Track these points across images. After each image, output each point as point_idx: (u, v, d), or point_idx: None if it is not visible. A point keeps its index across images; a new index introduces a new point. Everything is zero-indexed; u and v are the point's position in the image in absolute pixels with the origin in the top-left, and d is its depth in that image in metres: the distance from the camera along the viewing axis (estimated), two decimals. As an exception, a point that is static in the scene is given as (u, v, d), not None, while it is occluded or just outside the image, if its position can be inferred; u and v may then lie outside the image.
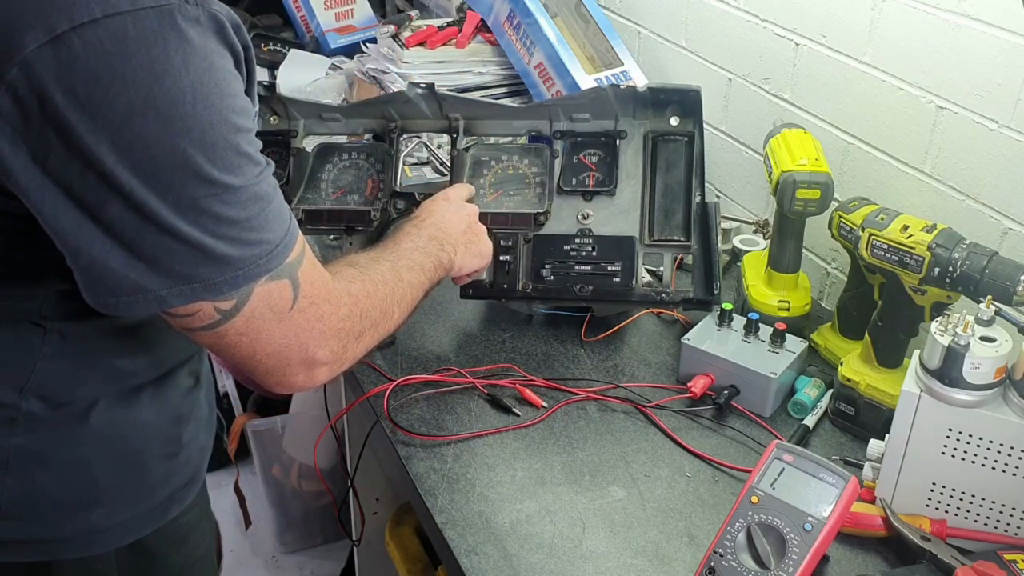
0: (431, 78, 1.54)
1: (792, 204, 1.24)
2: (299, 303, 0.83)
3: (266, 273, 0.80)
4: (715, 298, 1.28)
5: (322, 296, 0.86)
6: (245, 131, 0.77)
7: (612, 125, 1.34)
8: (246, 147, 0.77)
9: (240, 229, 0.77)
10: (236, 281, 0.78)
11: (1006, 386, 0.96)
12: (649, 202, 1.32)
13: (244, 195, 0.77)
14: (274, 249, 0.80)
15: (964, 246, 1.05)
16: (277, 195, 0.82)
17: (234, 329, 0.80)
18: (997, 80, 1.12)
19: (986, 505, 0.99)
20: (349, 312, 0.90)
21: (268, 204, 0.79)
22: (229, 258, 0.77)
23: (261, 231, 0.79)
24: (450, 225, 1.16)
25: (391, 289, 0.99)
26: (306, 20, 2.23)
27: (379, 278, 0.98)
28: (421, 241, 1.10)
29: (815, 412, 1.21)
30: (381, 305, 0.96)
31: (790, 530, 0.93)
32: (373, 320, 0.94)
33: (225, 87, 0.75)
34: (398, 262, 1.04)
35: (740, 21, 1.52)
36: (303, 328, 0.84)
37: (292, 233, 0.82)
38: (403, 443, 1.16)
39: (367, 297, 0.94)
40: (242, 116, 0.77)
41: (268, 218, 0.79)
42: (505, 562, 0.99)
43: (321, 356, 0.86)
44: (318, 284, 0.86)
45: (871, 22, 1.28)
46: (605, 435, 1.18)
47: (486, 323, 1.40)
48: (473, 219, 1.21)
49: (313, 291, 0.85)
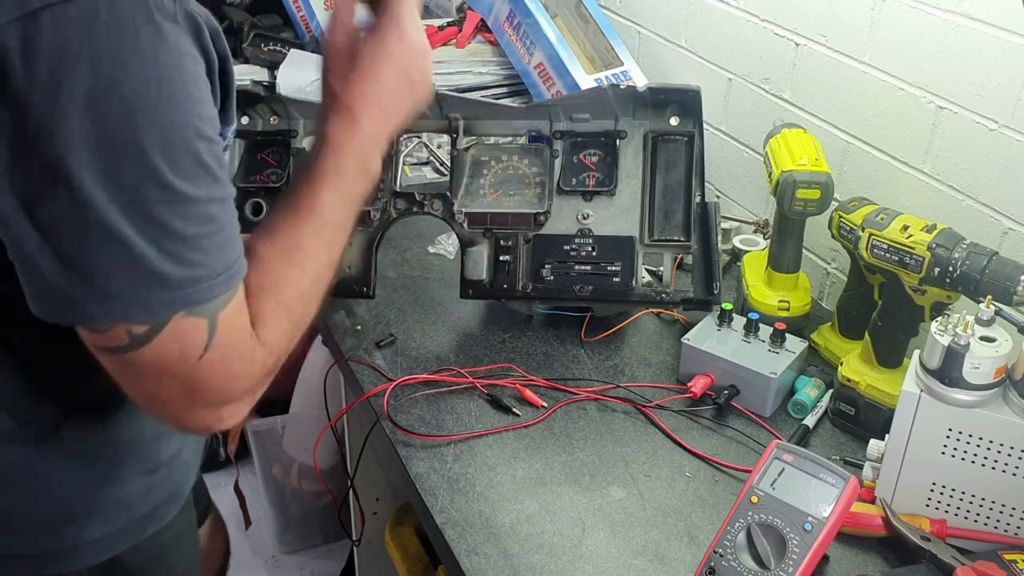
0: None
1: (792, 204, 1.24)
2: (210, 354, 0.76)
3: (202, 302, 0.74)
4: (715, 298, 1.28)
5: (236, 352, 0.78)
6: (208, 140, 0.73)
7: (612, 125, 1.34)
8: (207, 157, 0.73)
9: (186, 247, 0.72)
10: (171, 303, 0.73)
11: (1006, 386, 0.96)
12: (649, 202, 1.32)
13: (197, 209, 0.73)
14: (215, 278, 0.74)
15: (964, 246, 1.05)
16: (232, 226, 0.77)
17: (140, 360, 0.74)
18: (997, 80, 1.12)
19: (986, 505, 0.99)
20: (263, 366, 0.82)
21: (220, 230, 0.75)
22: (167, 277, 0.72)
23: (207, 254, 0.74)
24: (390, 118, 0.95)
25: (310, 295, 0.86)
26: (306, 20, 2.23)
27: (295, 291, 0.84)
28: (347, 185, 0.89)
29: (815, 412, 1.21)
30: (298, 325, 0.85)
31: (790, 530, 0.93)
32: (288, 350, 0.85)
33: (193, 90, 0.72)
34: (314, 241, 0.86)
35: (740, 21, 1.52)
36: (209, 382, 0.77)
37: (236, 271, 0.77)
38: (403, 443, 1.16)
39: (282, 336, 0.83)
40: (207, 124, 0.73)
41: (217, 243, 0.75)
42: (505, 562, 0.99)
43: (226, 412, 0.80)
44: (236, 336, 0.78)
45: (871, 22, 1.28)
46: (605, 435, 1.18)
47: (486, 323, 1.40)
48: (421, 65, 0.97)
49: (229, 342, 0.77)
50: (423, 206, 1.34)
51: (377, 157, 0.93)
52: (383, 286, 1.46)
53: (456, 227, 1.34)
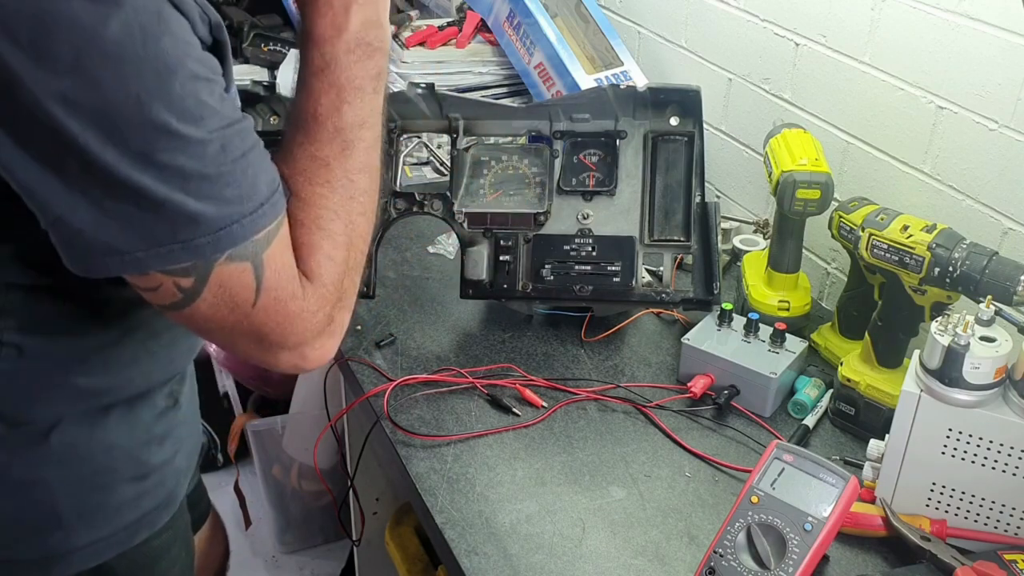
0: (431, 78, 1.54)
1: (792, 204, 1.24)
2: (262, 298, 0.75)
3: (248, 237, 0.72)
4: (715, 298, 1.28)
5: (287, 292, 0.77)
6: (205, 80, 0.71)
7: (612, 125, 1.34)
8: (206, 96, 0.71)
9: (212, 184, 0.71)
10: (215, 244, 0.71)
11: (1006, 386, 0.96)
12: (649, 202, 1.32)
13: (211, 148, 0.71)
14: (257, 209, 0.73)
15: (964, 246, 1.05)
16: (256, 152, 0.75)
17: (200, 314, 0.74)
18: (997, 80, 1.12)
19: (986, 505, 0.99)
20: (320, 300, 0.80)
21: (243, 159, 0.73)
22: (203, 216, 0.70)
23: (239, 187, 0.72)
24: None
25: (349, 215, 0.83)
26: (306, 20, 2.22)
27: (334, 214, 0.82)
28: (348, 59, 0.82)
29: (815, 412, 1.21)
30: (353, 246, 0.84)
31: (790, 530, 0.93)
32: (350, 273, 0.84)
33: (179, 31, 0.69)
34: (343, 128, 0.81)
35: (740, 21, 1.52)
36: (272, 327, 0.77)
37: (278, 198, 0.75)
38: (403, 443, 1.16)
39: (331, 264, 0.82)
40: (201, 64, 0.71)
41: (247, 174, 0.73)
42: (505, 562, 0.99)
43: (309, 352, 0.80)
44: (284, 276, 0.77)
45: (871, 22, 1.28)
46: (605, 435, 1.18)
47: (486, 323, 1.40)
48: None
49: (278, 283, 0.76)
50: (423, 206, 1.34)
51: (372, 31, 0.83)
52: (383, 286, 1.46)
53: (456, 227, 1.34)
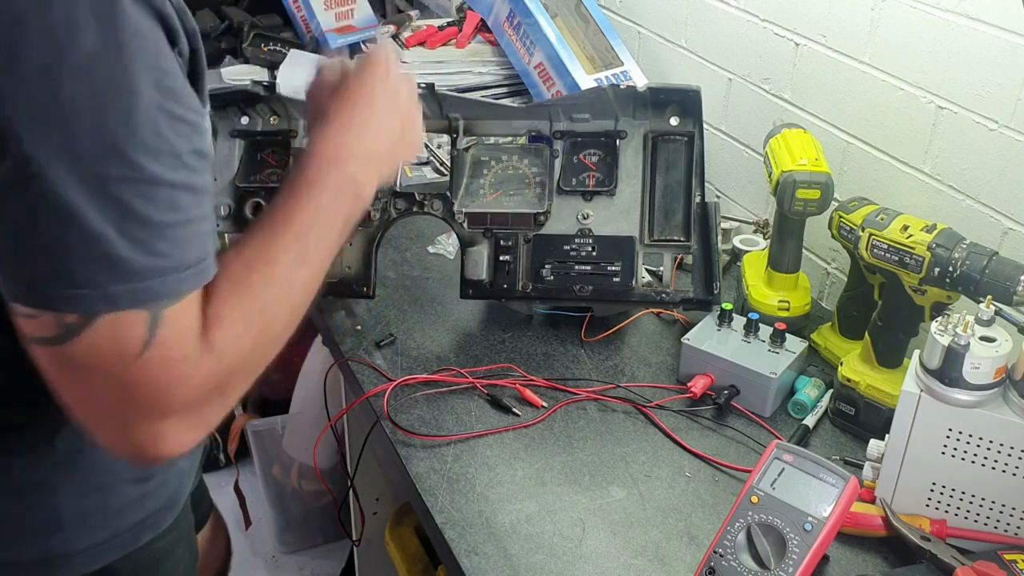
0: (431, 78, 1.54)
1: (792, 204, 1.24)
2: (149, 352, 0.68)
3: (168, 296, 0.68)
4: (715, 298, 1.28)
5: (179, 352, 0.70)
6: (172, 117, 0.68)
7: (612, 125, 1.34)
8: (170, 134, 0.67)
9: (151, 234, 0.67)
10: (133, 295, 0.67)
11: (1006, 386, 0.96)
12: (649, 202, 1.32)
13: (162, 193, 0.67)
14: (182, 271, 0.69)
15: (964, 246, 1.05)
16: (204, 221, 0.71)
17: (72, 354, 0.67)
18: (997, 80, 1.12)
19: (986, 505, 0.99)
20: (209, 374, 0.73)
21: (189, 221, 0.69)
22: (131, 264, 0.66)
23: (174, 244, 0.68)
24: (380, 143, 0.91)
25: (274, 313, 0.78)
26: (306, 20, 2.23)
27: (259, 305, 0.77)
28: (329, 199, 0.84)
29: (815, 412, 1.21)
30: (257, 345, 0.77)
31: (790, 530, 0.93)
32: (245, 370, 0.77)
33: (154, 58, 0.66)
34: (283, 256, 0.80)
35: (740, 21, 1.52)
36: (145, 384, 0.69)
37: (206, 268, 0.71)
38: (403, 443, 1.16)
39: (235, 348, 0.75)
40: (172, 98, 0.68)
41: (186, 235, 0.69)
42: (505, 562, 0.99)
43: (168, 430, 0.72)
44: (180, 336, 0.71)
45: (871, 22, 1.28)
46: (605, 435, 1.18)
47: (486, 323, 1.40)
48: (408, 110, 0.96)
49: (172, 341, 0.70)
50: (423, 206, 1.34)
51: (366, 178, 0.88)
52: (383, 286, 1.46)
53: (456, 227, 1.34)
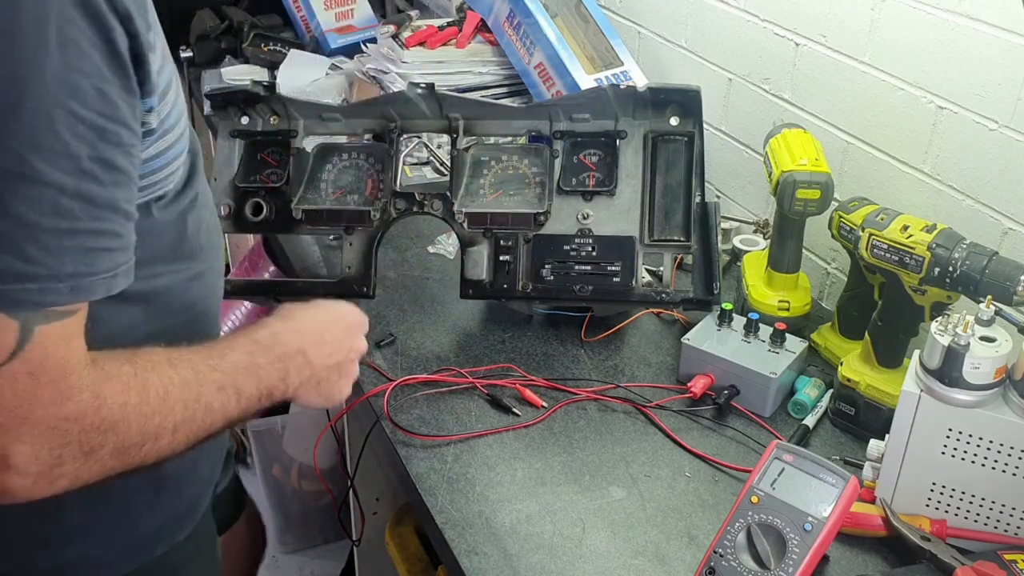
0: (431, 78, 1.54)
1: (792, 204, 1.24)
2: (13, 365, 0.64)
3: (28, 306, 0.63)
4: (715, 298, 1.28)
5: (48, 376, 0.66)
6: (74, 116, 0.63)
7: (612, 125, 1.34)
8: (66, 134, 0.62)
9: (24, 235, 0.62)
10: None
11: (1006, 386, 0.96)
12: (649, 202, 1.32)
13: (48, 195, 0.62)
14: (53, 282, 0.64)
15: (964, 246, 1.05)
16: (101, 235, 0.67)
17: None
18: (997, 80, 1.12)
19: (986, 505, 0.99)
20: (79, 413, 0.68)
21: (75, 231, 0.64)
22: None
23: (48, 252, 0.63)
24: (320, 356, 0.94)
25: (172, 407, 0.75)
26: (306, 20, 2.23)
27: (160, 388, 0.75)
28: (266, 359, 0.87)
29: (815, 412, 1.21)
30: (142, 424, 0.73)
31: (790, 530, 0.93)
32: (119, 439, 0.72)
33: (64, 53, 0.62)
34: (210, 374, 0.80)
35: (740, 21, 1.52)
36: (7, 395, 0.64)
37: (87, 287, 0.66)
38: (403, 443, 1.16)
39: (120, 407, 0.71)
40: (76, 98, 0.63)
41: (68, 245, 0.64)
42: (505, 562, 0.99)
43: (17, 456, 0.66)
44: (55, 359, 0.66)
45: (871, 22, 1.28)
46: (605, 435, 1.18)
47: (486, 323, 1.39)
48: (350, 359, 1.00)
49: (42, 360, 0.65)
50: (423, 206, 1.34)
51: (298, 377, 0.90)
52: (383, 286, 1.46)
53: (456, 227, 1.34)
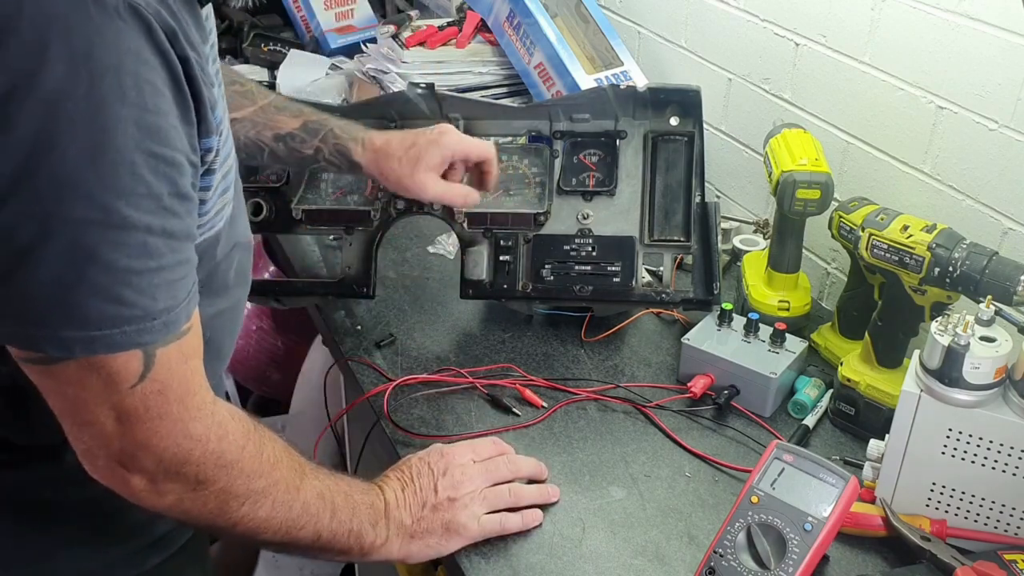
0: (431, 78, 1.55)
1: (792, 204, 1.24)
2: (145, 384, 0.69)
3: (128, 348, 0.67)
4: (715, 298, 1.28)
5: (176, 393, 0.72)
6: (153, 157, 0.64)
7: (612, 125, 1.34)
8: (150, 175, 0.64)
9: (115, 281, 0.64)
10: (89, 343, 0.65)
11: (1006, 386, 0.96)
12: (649, 202, 1.32)
13: (134, 237, 0.64)
14: (148, 321, 0.67)
15: (964, 246, 1.05)
16: (180, 268, 0.70)
17: (64, 375, 0.68)
18: (997, 80, 1.12)
19: (986, 505, 0.99)
20: (203, 435, 0.76)
21: (161, 268, 0.67)
22: (87, 312, 0.64)
23: (142, 294, 0.66)
24: (406, 507, 0.96)
25: (277, 480, 0.83)
26: (306, 20, 2.23)
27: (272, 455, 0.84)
28: (361, 498, 0.92)
29: (815, 412, 1.21)
30: (250, 479, 0.81)
31: (790, 530, 0.93)
32: (229, 481, 0.79)
33: (133, 93, 0.63)
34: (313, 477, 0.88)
35: (740, 21, 1.52)
36: (140, 415, 0.71)
37: (178, 315, 0.70)
38: (403, 443, 1.16)
39: (239, 448, 0.79)
40: (153, 137, 0.64)
41: (156, 283, 0.67)
42: (505, 562, 0.99)
43: (146, 464, 0.74)
44: (178, 377, 0.72)
45: (871, 22, 1.28)
46: (605, 435, 1.18)
47: (486, 323, 1.39)
48: (457, 495, 0.98)
49: (169, 380, 0.71)
50: (423, 206, 1.34)
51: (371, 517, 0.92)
52: (383, 286, 1.46)
53: (456, 227, 1.34)
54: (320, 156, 1.18)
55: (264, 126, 1.17)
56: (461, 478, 0.99)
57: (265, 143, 1.18)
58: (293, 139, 1.17)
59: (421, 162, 1.16)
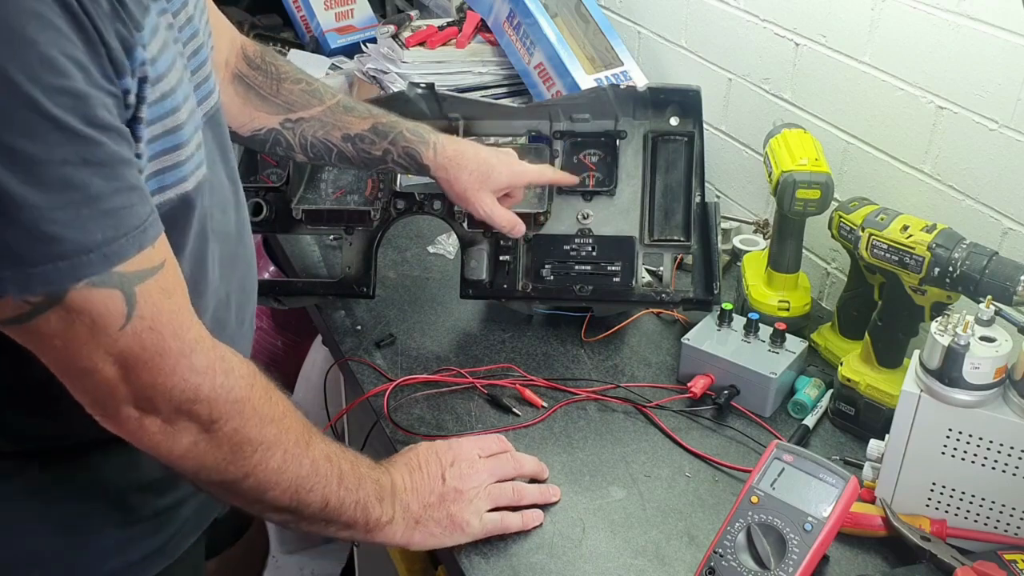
0: (431, 78, 1.54)
1: (792, 204, 1.24)
2: (133, 323, 0.69)
3: (76, 280, 0.66)
4: (715, 298, 1.28)
5: (170, 328, 0.72)
6: (57, 91, 0.62)
7: (612, 125, 1.34)
8: (54, 109, 0.62)
9: (37, 218, 0.63)
10: (28, 282, 0.64)
11: (1006, 386, 0.96)
12: (649, 202, 1.32)
13: (47, 173, 0.63)
14: (85, 256, 0.65)
15: (964, 246, 1.05)
16: (119, 197, 0.67)
17: (47, 328, 0.67)
18: (997, 80, 1.12)
19: (986, 505, 0.99)
20: (209, 367, 0.76)
21: (90, 198, 0.65)
22: (14, 253, 0.63)
23: (68, 227, 0.64)
24: (414, 491, 0.96)
25: (286, 431, 0.83)
26: (306, 20, 2.23)
27: (280, 408, 0.83)
28: (368, 471, 0.93)
29: (815, 412, 1.21)
30: (262, 422, 0.80)
31: (790, 530, 0.93)
32: (242, 421, 0.79)
33: (26, 27, 0.60)
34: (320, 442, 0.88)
35: (740, 21, 1.52)
36: (138, 355, 0.71)
37: (127, 243, 0.68)
38: (403, 443, 1.15)
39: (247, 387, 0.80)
40: (52, 72, 0.62)
41: (83, 214, 0.65)
42: (505, 562, 0.99)
43: (158, 404, 0.74)
44: (168, 313, 0.72)
45: (871, 22, 1.28)
46: (605, 435, 1.18)
47: (486, 323, 1.40)
48: (463, 487, 0.99)
49: (157, 315, 0.70)
50: (423, 206, 1.34)
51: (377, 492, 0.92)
52: (383, 286, 1.46)
53: (456, 227, 1.34)
54: (388, 158, 1.18)
55: (332, 126, 1.17)
56: (468, 471, 1.00)
57: (333, 143, 1.18)
58: (362, 140, 1.18)
59: (489, 180, 1.19)
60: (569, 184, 1.30)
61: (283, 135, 1.16)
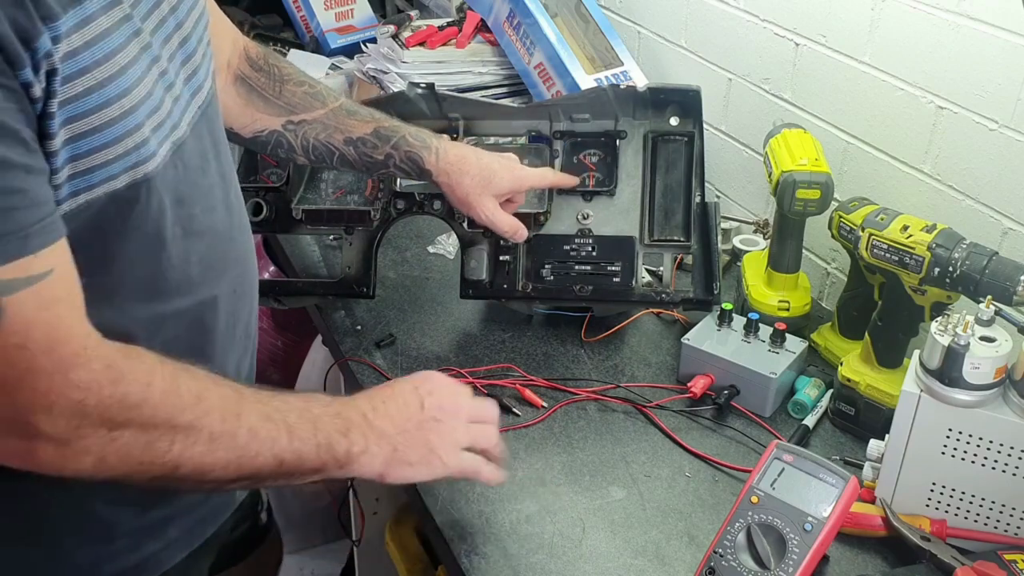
0: (431, 78, 1.54)
1: (792, 204, 1.24)
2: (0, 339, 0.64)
3: None
4: (715, 298, 1.28)
5: (41, 345, 0.66)
6: None
7: (612, 125, 1.34)
8: None
9: None
10: None
11: (1006, 386, 0.96)
12: (649, 202, 1.32)
13: None
14: None
15: (964, 246, 1.05)
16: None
17: None
18: (997, 80, 1.12)
19: (986, 505, 0.99)
20: (90, 382, 0.69)
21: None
22: None
23: None
24: (388, 417, 0.89)
25: (207, 411, 0.76)
26: (306, 20, 2.23)
27: (194, 389, 0.76)
28: (322, 409, 0.85)
29: (815, 412, 1.21)
30: (170, 413, 0.74)
31: (790, 530, 0.93)
32: (145, 419, 0.73)
33: None
34: (255, 401, 0.80)
35: (740, 21, 1.52)
36: (5, 376, 0.65)
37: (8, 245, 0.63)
38: (403, 443, 1.16)
39: (144, 386, 0.72)
40: None
41: None
42: (505, 562, 0.99)
43: (42, 424, 0.67)
44: (40, 326, 0.65)
45: (871, 22, 1.28)
46: (605, 435, 1.18)
47: (486, 323, 1.40)
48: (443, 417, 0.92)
49: (28, 331, 0.65)
50: (423, 206, 1.34)
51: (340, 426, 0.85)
52: (383, 286, 1.46)
53: (456, 227, 1.34)
54: (390, 162, 1.18)
55: (335, 129, 1.17)
56: (448, 402, 0.93)
57: (335, 147, 1.17)
58: (364, 144, 1.17)
59: (491, 185, 1.19)
60: (570, 186, 1.30)
61: (285, 137, 1.16)
